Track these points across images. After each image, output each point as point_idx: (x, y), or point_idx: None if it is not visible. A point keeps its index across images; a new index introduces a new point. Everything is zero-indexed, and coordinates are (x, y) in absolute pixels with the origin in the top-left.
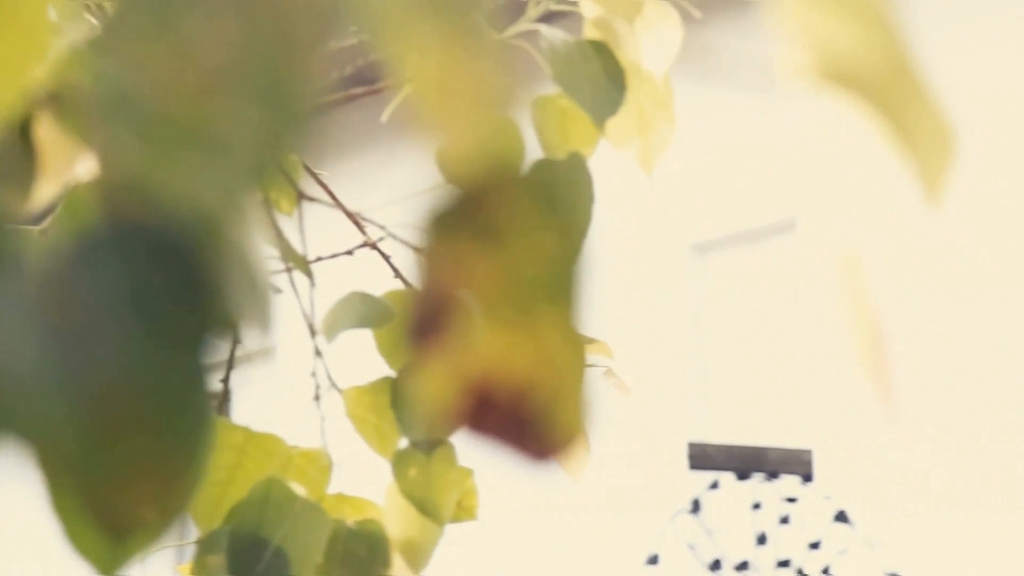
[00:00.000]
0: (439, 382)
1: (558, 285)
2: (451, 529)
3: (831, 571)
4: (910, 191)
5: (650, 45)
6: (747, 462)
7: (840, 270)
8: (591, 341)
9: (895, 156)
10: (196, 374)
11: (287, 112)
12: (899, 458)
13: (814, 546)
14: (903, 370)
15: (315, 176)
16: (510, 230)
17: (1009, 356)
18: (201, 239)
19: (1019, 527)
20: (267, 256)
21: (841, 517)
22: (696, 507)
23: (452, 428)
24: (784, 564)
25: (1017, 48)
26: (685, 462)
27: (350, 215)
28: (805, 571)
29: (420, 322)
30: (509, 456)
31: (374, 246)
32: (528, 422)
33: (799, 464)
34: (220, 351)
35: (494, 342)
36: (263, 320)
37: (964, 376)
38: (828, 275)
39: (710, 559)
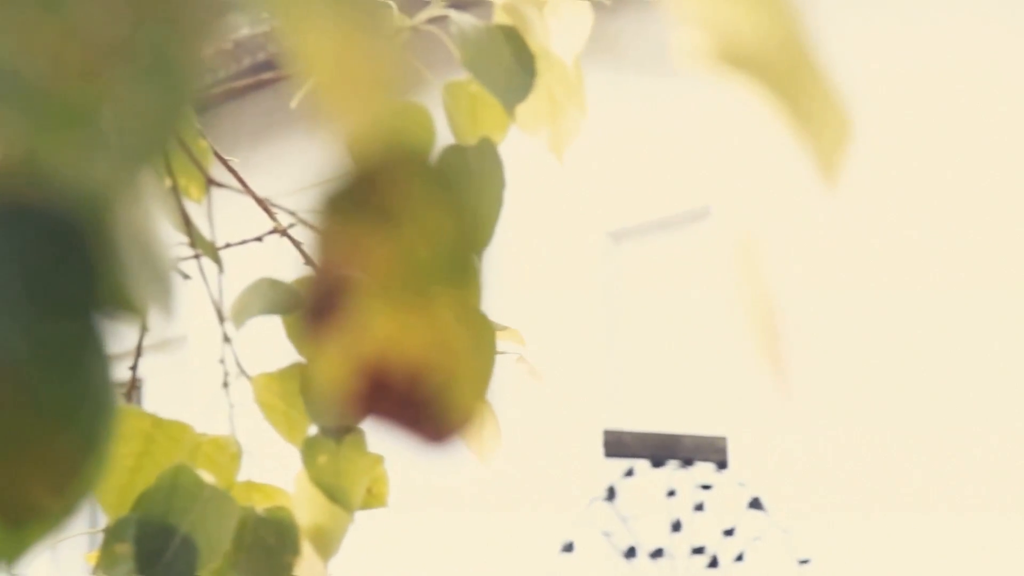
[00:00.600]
0: (335, 365)
1: (455, 267)
2: (364, 517)
3: (745, 558)
4: (810, 177)
5: (560, 31)
6: (662, 449)
7: (737, 254)
8: (503, 328)
9: (792, 140)
10: (91, 356)
11: (177, 93)
12: (812, 446)
13: (728, 533)
14: (816, 359)
15: (225, 162)
16: (406, 212)
17: (917, 348)
18: (91, 219)
19: (928, 514)
20: (173, 241)
21: (755, 504)
22: (611, 494)
23: (354, 413)
24: (698, 551)
25: (913, 31)
26: (600, 449)
27: (260, 201)
28: (719, 558)
29: (315, 304)
30: (405, 439)
31: (284, 232)
32: (423, 404)
33: (713, 451)
34: (127, 339)
35: (389, 324)
36: (164, 302)
37: (874, 366)
38: (728, 260)
39: (625, 546)
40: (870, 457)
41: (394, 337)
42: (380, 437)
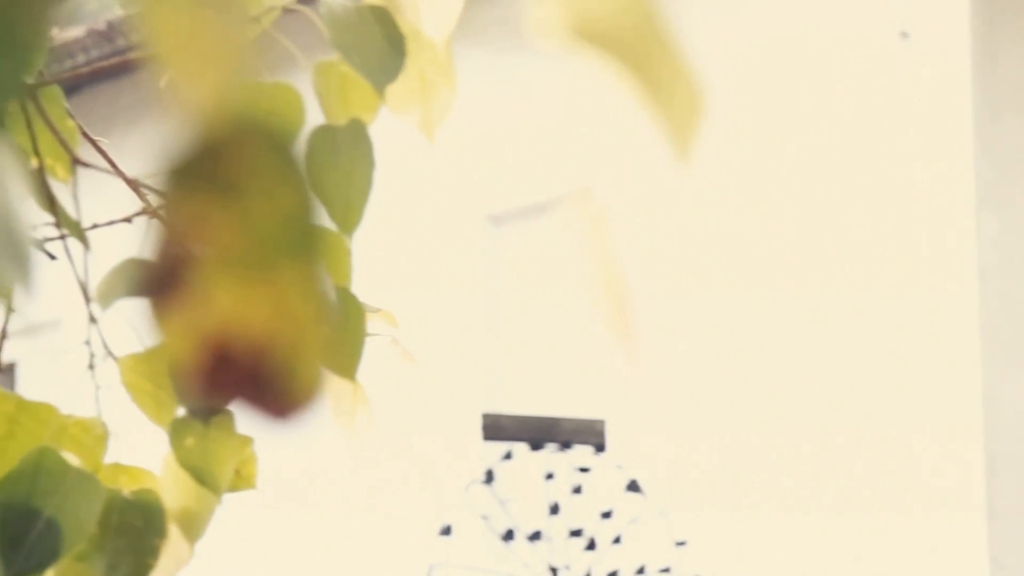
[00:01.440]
0: (182, 341)
1: (298, 243)
2: (236, 499)
3: (623, 540)
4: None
5: (430, 12)
6: (540, 433)
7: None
8: (375, 310)
9: (646, 115)
10: None
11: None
12: (689, 429)
13: (606, 515)
14: (693, 346)
15: (93, 142)
16: (250, 187)
17: (788, 338)
18: None
19: (798, 495)
20: (38, 221)
21: (633, 487)
22: (489, 477)
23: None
24: (576, 533)
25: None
26: (478, 433)
27: (129, 182)
28: (597, 540)
29: (158, 278)
30: (250, 413)
31: (155, 214)
32: (267, 379)
33: (592, 434)
34: None
35: (233, 299)
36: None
37: (748, 354)
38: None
39: (503, 529)
40: (744, 441)
41: (238, 312)
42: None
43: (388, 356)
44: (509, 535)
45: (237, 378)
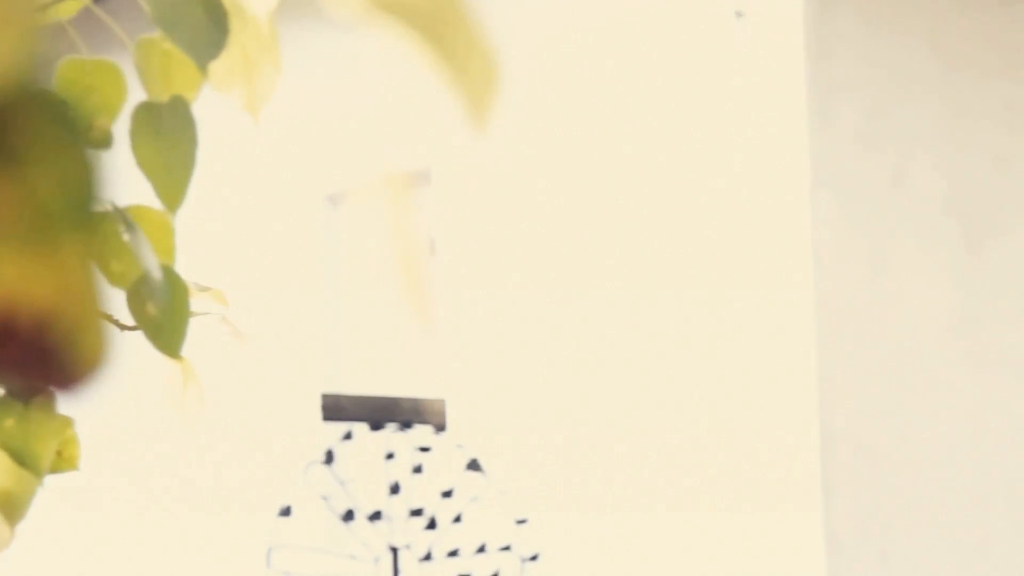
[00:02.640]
0: None
1: (81, 215)
2: (67, 481)
3: (463, 519)
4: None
5: None
6: (380, 413)
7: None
8: (205, 288)
9: (443, 84)
10: None
11: None
12: (529, 407)
13: (447, 494)
14: (531, 324)
15: None
16: (31, 157)
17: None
18: None
19: (640, 475)
20: None
21: (473, 465)
22: (329, 458)
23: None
24: (417, 513)
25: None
26: (318, 413)
27: None
28: (437, 519)
29: None
30: (31, 386)
31: None
32: (50, 351)
33: (432, 414)
34: None
35: (14, 270)
36: None
37: (584, 333)
38: (464, 227)
39: (343, 509)
40: (585, 418)
41: (20, 283)
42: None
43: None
44: (349, 515)
45: (20, 351)
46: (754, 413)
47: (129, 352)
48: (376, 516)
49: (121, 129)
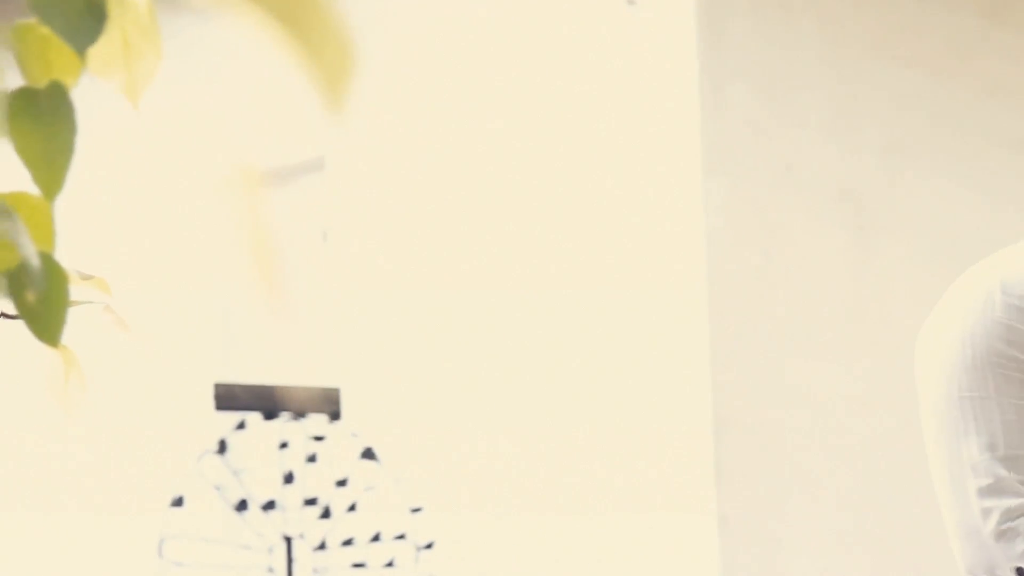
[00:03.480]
0: None
1: None
2: None
3: (358, 507)
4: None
5: None
6: (274, 402)
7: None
8: (88, 276)
9: (298, 68)
10: None
11: None
12: (424, 395)
13: (341, 483)
14: (427, 309)
15: None
16: None
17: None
18: None
19: (536, 462)
20: None
21: (368, 454)
22: (222, 448)
23: None
24: (311, 502)
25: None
26: (211, 403)
27: None
28: (332, 508)
29: None
30: None
31: None
32: None
33: (327, 403)
34: None
35: None
36: None
37: (474, 317)
38: (358, 214)
39: (236, 499)
40: (480, 406)
41: None
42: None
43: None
44: (242, 505)
45: None
46: (648, 399)
47: (12, 341)
48: (270, 506)
49: None
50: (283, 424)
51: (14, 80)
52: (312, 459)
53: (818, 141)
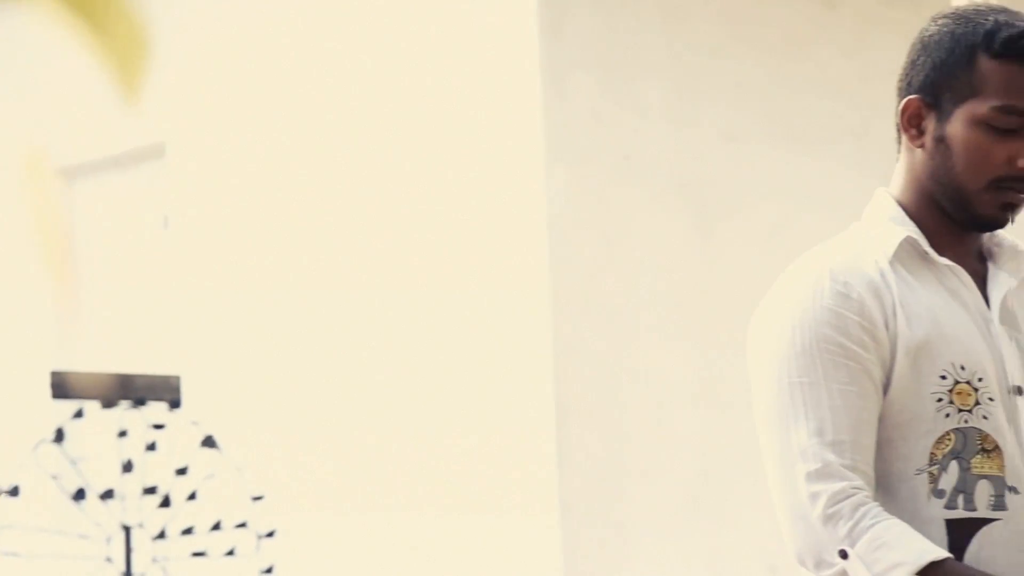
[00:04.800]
0: None
1: None
2: None
3: (198, 496)
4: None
5: None
6: (113, 390)
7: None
8: None
9: (92, 56)
10: None
11: None
12: (265, 383)
13: (181, 472)
14: (269, 301)
15: None
16: None
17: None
18: None
19: (369, 451)
20: None
21: (208, 442)
22: (59, 436)
23: None
24: (151, 491)
25: None
26: (47, 391)
27: None
28: (171, 497)
29: None
30: None
31: None
32: None
33: (167, 390)
34: None
35: None
36: None
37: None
38: (198, 200)
39: (74, 489)
40: (321, 393)
41: None
42: None
43: None
44: (80, 494)
45: None
46: (490, 385)
47: None
48: (108, 495)
49: None
50: (122, 412)
51: None
52: (152, 447)
53: (658, 130)
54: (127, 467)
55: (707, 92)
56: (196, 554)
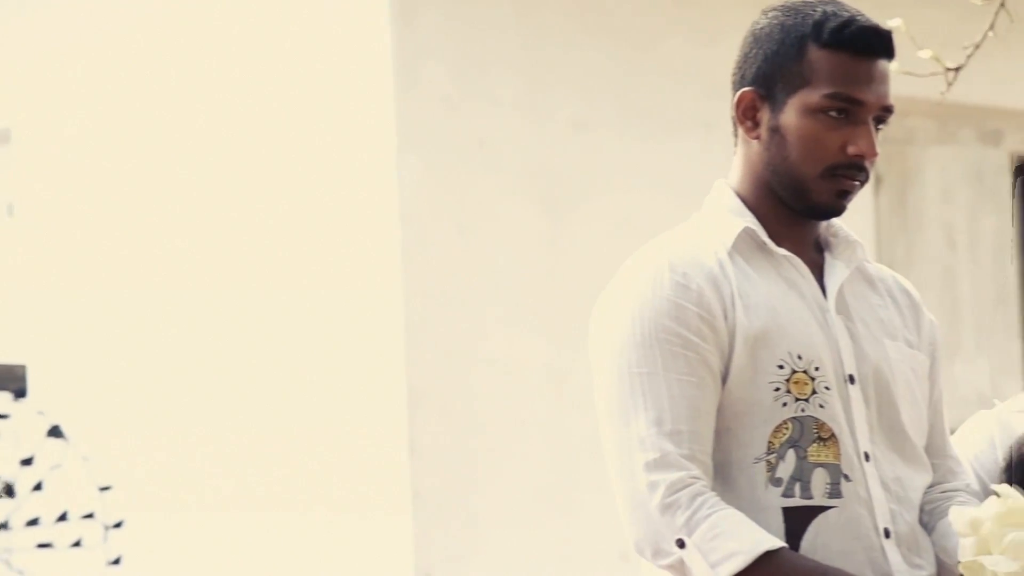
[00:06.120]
0: None
1: None
2: None
3: (44, 486)
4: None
5: None
6: None
7: None
8: None
9: None
10: None
11: None
12: (112, 373)
13: (27, 462)
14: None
15: None
16: None
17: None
18: None
19: (219, 442)
20: None
21: (55, 432)
22: None
23: None
24: None
25: None
26: None
27: None
28: (16, 487)
29: None
30: None
31: None
32: None
33: (11, 380)
34: None
35: None
36: None
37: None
38: (46, 187)
39: None
40: (170, 383)
41: None
42: None
43: None
44: None
45: None
46: (343, 374)
47: None
48: None
49: None
50: None
51: None
52: None
53: (511, 118)
54: None
55: (558, 82)
56: (41, 545)
